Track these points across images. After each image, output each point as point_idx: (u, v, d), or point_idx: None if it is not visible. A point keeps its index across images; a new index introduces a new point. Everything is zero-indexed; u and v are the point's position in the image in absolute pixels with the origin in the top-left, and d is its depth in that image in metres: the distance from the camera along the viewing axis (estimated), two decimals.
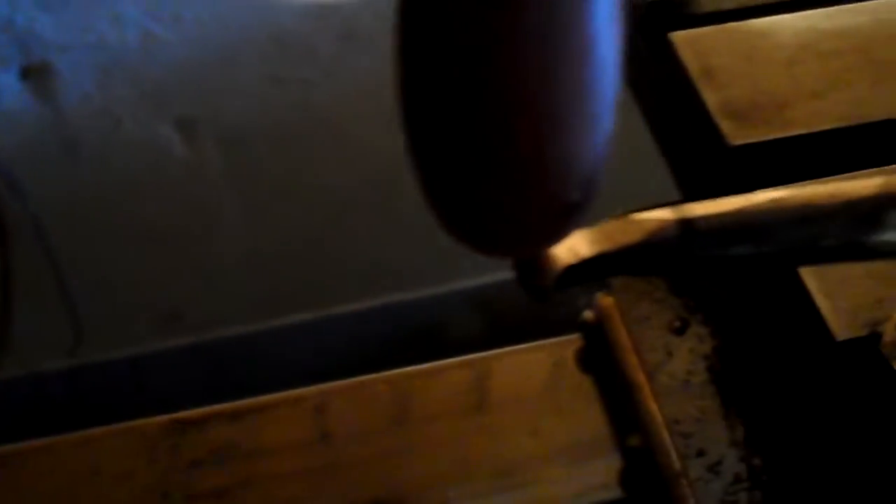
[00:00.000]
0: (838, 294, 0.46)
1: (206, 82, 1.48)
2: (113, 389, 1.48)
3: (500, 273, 1.55)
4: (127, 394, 1.50)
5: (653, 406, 0.50)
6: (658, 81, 0.57)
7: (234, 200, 1.52)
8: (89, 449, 0.53)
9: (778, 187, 0.30)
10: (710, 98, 0.53)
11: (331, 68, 1.48)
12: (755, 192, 0.29)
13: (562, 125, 0.25)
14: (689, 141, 0.55)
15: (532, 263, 0.28)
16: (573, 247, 0.28)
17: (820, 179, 0.39)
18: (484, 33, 0.24)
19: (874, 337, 0.44)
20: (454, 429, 0.54)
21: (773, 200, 0.28)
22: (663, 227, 0.28)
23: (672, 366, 0.51)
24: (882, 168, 0.45)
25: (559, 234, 0.27)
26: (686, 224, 0.28)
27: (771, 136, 0.51)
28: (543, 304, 0.28)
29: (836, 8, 0.56)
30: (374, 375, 0.57)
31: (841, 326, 0.45)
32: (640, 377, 0.51)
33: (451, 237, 0.28)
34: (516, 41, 0.24)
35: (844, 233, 0.28)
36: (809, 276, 0.46)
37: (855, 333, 0.44)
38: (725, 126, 0.52)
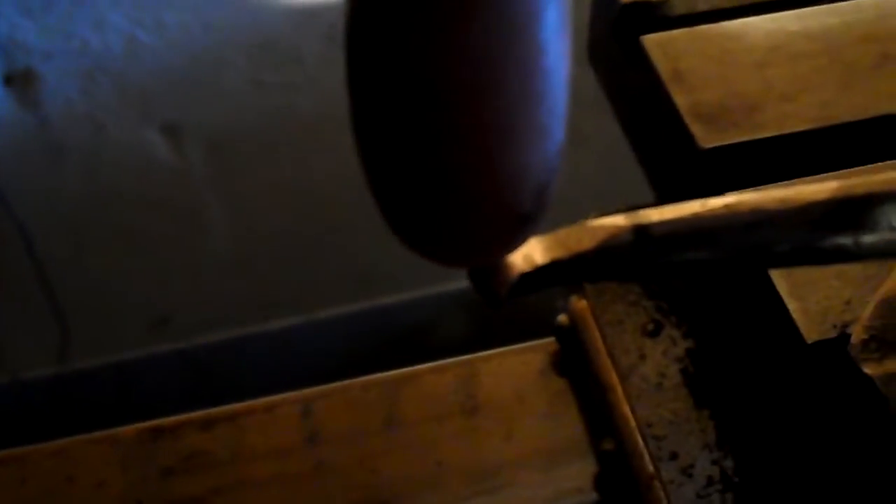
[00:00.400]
0: (807, 296, 0.46)
1: (191, 87, 1.48)
2: (98, 396, 1.48)
3: None
4: (112, 400, 1.49)
5: (626, 409, 0.50)
6: (631, 85, 0.57)
7: (220, 205, 1.52)
8: (62, 458, 0.53)
9: (735, 192, 0.30)
10: (681, 101, 0.53)
11: (316, 72, 1.49)
12: (711, 198, 0.29)
13: (512, 136, 0.25)
14: (661, 144, 0.55)
15: (486, 271, 0.29)
16: (527, 254, 0.28)
17: (780, 183, 0.39)
18: (431, 44, 0.24)
19: (843, 338, 0.44)
20: (433, 433, 0.54)
21: (727, 206, 0.28)
22: (617, 233, 0.28)
23: (645, 368, 0.51)
24: (844, 171, 0.45)
25: (512, 244, 0.27)
26: (640, 230, 0.28)
27: (742, 139, 0.51)
28: (498, 310, 0.28)
29: (806, 9, 0.56)
30: (359, 379, 0.57)
31: (810, 328, 0.45)
32: (614, 380, 0.51)
33: (404, 247, 0.28)
34: (464, 51, 0.24)
35: (798, 238, 0.28)
36: (779, 278, 0.46)
37: (824, 335, 0.44)
38: (696, 129, 0.52)
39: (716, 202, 0.29)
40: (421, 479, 0.53)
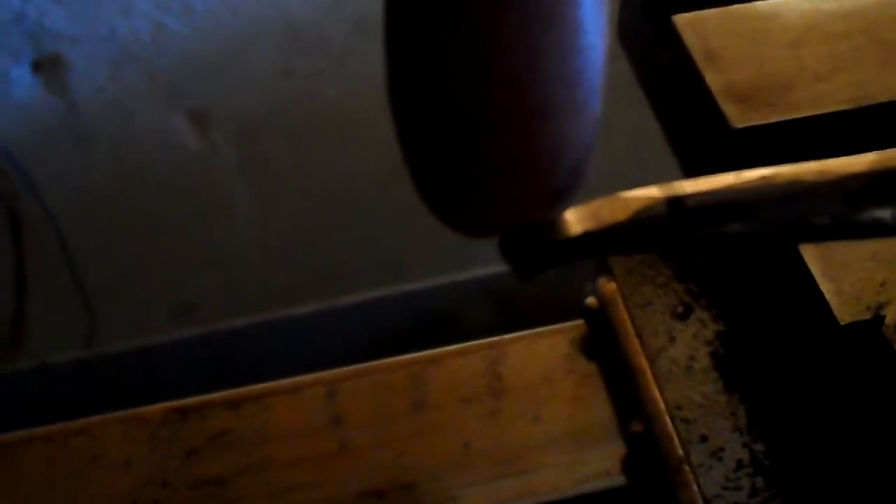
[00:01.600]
0: (842, 277, 0.45)
1: (219, 74, 1.48)
2: (124, 380, 1.49)
3: None
4: (138, 385, 1.50)
5: (655, 392, 0.50)
6: (662, 65, 0.57)
7: (246, 192, 1.52)
8: (89, 437, 0.53)
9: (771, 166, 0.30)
10: (714, 81, 0.52)
11: (343, 59, 1.48)
12: (746, 170, 0.28)
13: (550, 113, 0.25)
14: (693, 124, 0.54)
15: (517, 242, 0.28)
16: (560, 225, 0.27)
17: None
18: (472, 20, 0.24)
19: (877, 320, 0.43)
20: (460, 415, 0.54)
21: (763, 178, 0.28)
22: (651, 204, 0.27)
23: (675, 351, 0.51)
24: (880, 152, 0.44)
25: (546, 218, 0.27)
26: (675, 202, 0.27)
27: (774, 119, 0.50)
28: (528, 281, 0.28)
29: None
30: (385, 360, 0.57)
31: (844, 310, 0.44)
32: (643, 362, 0.51)
33: (440, 222, 0.28)
34: (504, 28, 0.24)
35: (835, 210, 0.27)
36: (813, 259, 0.46)
37: (858, 317, 0.44)
38: (729, 109, 0.51)
39: (751, 174, 0.28)
40: (448, 461, 0.52)
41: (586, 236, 0.27)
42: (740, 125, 0.50)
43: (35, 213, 1.47)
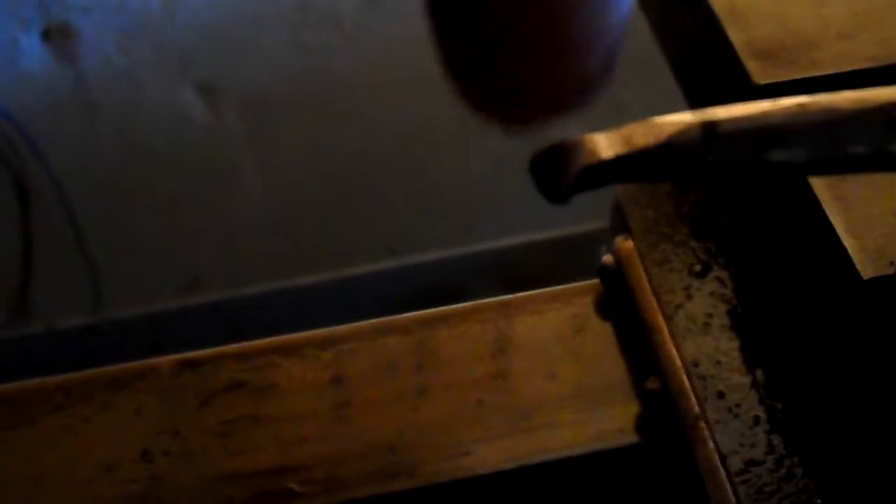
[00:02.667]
0: (865, 233, 0.45)
1: (229, 47, 1.47)
2: (130, 349, 1.49)
3: (519, 235, 1.54)
4: (144, 354, 1.50)
5: (671, 349, 0.49)
6: (684, 23, 0.56)
7: (254, 164, 1.52)
8: (99, 385, 0.52)
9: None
10: (736, 38, 0.52)
11: (354, 34, 1.48)
12: (783, 98, 0.28)
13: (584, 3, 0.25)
14: (715, 82, 0.54)
15: (548, 165, 0.28)
16: (591, 148, 0.27)
17: None
18: None
19: None
20: (471, 372, 0.54)
21: (800, 105, 0.27)
22: (685, 129, 0.27)
23: (692, 308, 0.50)
24: None
25: (577, 105, 0.27)
26: (709, 127, 0.27)
27: (797, 76, 0.50)
28: (561, 204, 0.27)
29: None
30: (396, 317, 0.56)
31: (867, 265, 0.43)
32: (659, 320, 0.50)
33: (471, 111, 0.28)
34: None
35: (872, 139, 0.27)
36: (836, 214, 0.45)
37: (881, 272, 0.43)
38: (751, 66, 0.50)
39: (788, 101, 0.28)
40: (461, 416, 0.52)
41: (618, 160, 0.27)
42: (762, 82, 0.50)
43: (42, 181, 1.46)
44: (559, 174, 0.27)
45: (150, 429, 0.51)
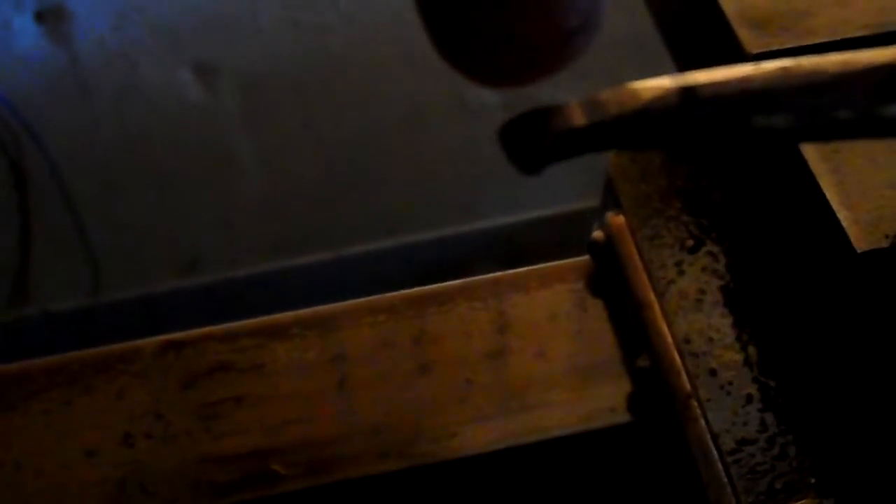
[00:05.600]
0: (859, 206, 0.43)
1: (224, 26, 1.46)
2: (128, 331, 1.48)
3: (519, 213, 1.53)
4: (142, 336, 1.49)
5: (663, 326, 0.48)
6: None
7: (251, 144, 1.51)
8: (82, 368, 0.51)
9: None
10: (729, 6, 0.50)
11: (350, 12, 1.46)
12: (765, 61, 0.27)
13: None
14: (706, 51, 0.52)
15: (520, 133, 0.26)
16: (565, 115, 0.26)
17: None
18: None
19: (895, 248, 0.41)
20: (461, 351, 0.53)
21: (784, 68, 0.26)
22: (663, 95, 0.26)
23: (684, 284, 0.49)
24: None
25: (560, 61, 0.26)
26: (687, 91, 0.26)
27: (790, 45, 0.48)
28: (533, 174, 0.26)
29: None
30: (386, 295, 0.55)
31: (861, 238, 0.42)
32: (651, 296, 0.49)
33: (452, 67, 0.27)
34: None
35: (859, 102, 0.26)
36: (829, 187, 0.44)
37: (875, 245, 0.42)
38: (744, 34, 0.49)
39: (771, 65, 0.26)
40: (449, 397, 0.51)
41: (593, 127, 0.25)
42: (755, 50, 0.48)
43: (39, 164, 1.45)
44: (530, 143, 0.26)
45: (132, 412, 0.50)
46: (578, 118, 0.26)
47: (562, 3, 0.25)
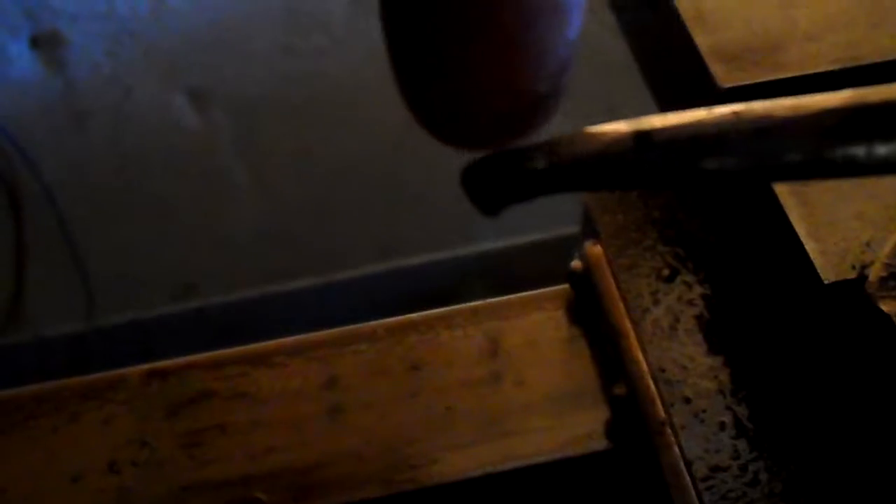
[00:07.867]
0: (826, 237, 0.44)
1: (218, 52, 1.47)
2: (123, 356, 1.49)
3: (511, 238, 1.54)
4: (137, 361, 1.50)
5: (638, 354, 0.49)
6: (651, 25, 0.56)
7: (245, 170, 1.52)
8: (67, 396, 0.52)
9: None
10: (703, 41, 0.51)
11: (344, 37, 1.48)
12: (718, 106, 0.28)
13: (534, 17, 0.25)
14: (681, 85, 0.53)
15: (480, 177, 0.28)
16: (526, 158, 0.27)
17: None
18: None
19: (862, 279, 0.42)
20: (440, 379, 0.53)
21: (735, 113, 0.27)
22: (618, 139, 0.27)
23: (659, 313, 0.50)
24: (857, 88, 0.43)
25: (528, 127, 0.27)
26: (642, 136, 0.27)
27: (763, 79, 0.50)
28: (492, 216, 0.27)
29: None
30: (371, 323, 0.56)
31: (828, 269, 0.43)
32: (627, 325, 0.50)
33: (423, 130, 0.28)
34: None
35: (808, 147, 0.27)
36: (798, 219, 0.45)
37: (843, 276, 0.43)
38: (717, 69, 0.50)
39: (723, 109, 0.28)
40: (429, 424, 0.52)
41: (551, 169, 0.26)
42: (728, 85, 0.50)
43: (33, 189, 1.46)
44: (491, 185, 0.27)
45: (117, 439, 0.51)
46: (538, 161, 0.27)
47: (529, 70, 0.26)
